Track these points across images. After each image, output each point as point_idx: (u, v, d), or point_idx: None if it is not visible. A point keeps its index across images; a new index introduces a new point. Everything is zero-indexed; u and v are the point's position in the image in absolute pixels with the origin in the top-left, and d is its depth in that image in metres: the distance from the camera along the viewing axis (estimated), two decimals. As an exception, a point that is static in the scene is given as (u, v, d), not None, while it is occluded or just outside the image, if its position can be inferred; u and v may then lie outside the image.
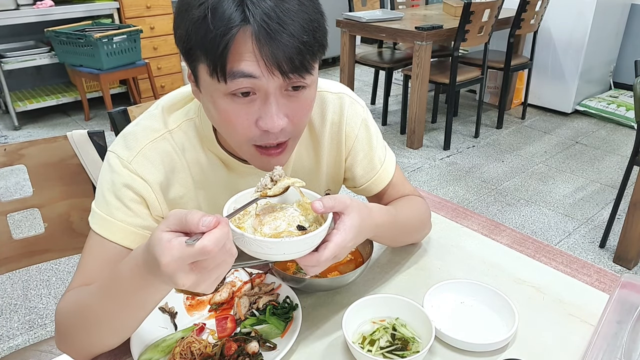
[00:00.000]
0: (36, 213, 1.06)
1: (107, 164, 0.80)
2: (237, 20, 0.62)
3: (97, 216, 0.78)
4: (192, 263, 0.55)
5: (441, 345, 0.77)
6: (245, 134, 0.71)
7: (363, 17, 3.43)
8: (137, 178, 0.78)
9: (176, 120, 0.82)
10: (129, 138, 0.80)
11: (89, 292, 0.71)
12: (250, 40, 0.63)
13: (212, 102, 0.70)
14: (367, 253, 0.92)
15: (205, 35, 0.64)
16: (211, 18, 0.63)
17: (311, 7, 0.67)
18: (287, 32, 0.63)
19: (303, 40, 0.64)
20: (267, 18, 0.62)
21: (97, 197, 0.80)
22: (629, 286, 0.81)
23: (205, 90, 0.70)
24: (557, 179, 3.12)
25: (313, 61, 0.68)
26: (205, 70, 0.67)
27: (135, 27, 3.67)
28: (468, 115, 4.14)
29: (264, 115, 0.68)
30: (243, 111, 0.68)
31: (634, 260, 2.24)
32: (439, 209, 1.14)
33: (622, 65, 4.30)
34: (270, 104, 0.68)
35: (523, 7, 3.39)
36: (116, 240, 0.77)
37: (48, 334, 1.88)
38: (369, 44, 5.77)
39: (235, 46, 0.63)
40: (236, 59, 0.64)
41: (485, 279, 0.89)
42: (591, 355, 0.70)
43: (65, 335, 0.74)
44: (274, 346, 0.75)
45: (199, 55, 0.66)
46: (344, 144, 0.93)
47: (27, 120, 3.96)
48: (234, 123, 0.70)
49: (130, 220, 0.77)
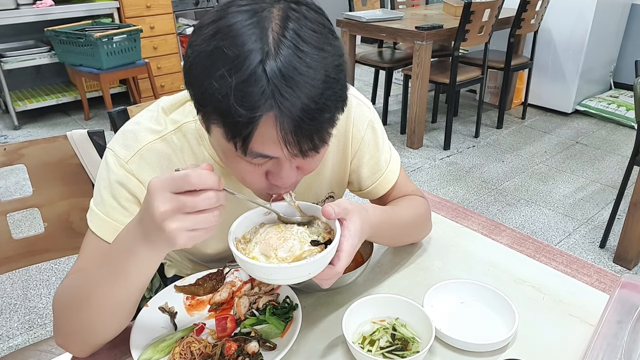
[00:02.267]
0: (36, 213, 1.06)
1: (104, 161, 0.80)
2: (263, 107, 0.57)
3: (94, 215, 0.78)
4: (175, 192, 0.56)
5: (441, 345, 0.77)
6: (254, 184, 0.70)
7: (363, 17, 3.43)
8: (132, 178, 0.78)
9: (176, 122, 0.81)
10: (129, 137, 0.80)
11: (84, 274, 0.73)
12: (274, 128, 0.59)
13: (223, 153, 0.69)
14: (367, 253, 0.92)
15: (226, 115, 0.59)
16: (234, 99, 0.57)
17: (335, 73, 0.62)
18: (310, 117, 0.59)
19: (324, 119, 0.62)
20: (290, 105, 0.58)
21: (95, 195, 0.80)
22: (629, 286, 0.81)
23: (218, 143, 0.68)
24: (557, 179, 3.12)
25: (332, 130, 0.65)
26: (222, 134, 0.62)
27: (135, 27, 3.67)
28: (468, 115, 4.14)
29: (276, 174, 0.67)
30: (255, 169, 0.67)
31: (634, 260, 2.24)
32: (439, 209, 1.14)
33: (622, 65, 4.30)
34: (283, 168, 0.66)
35: (523, 7, 3.39)
36: (106, 237, 0.77)
37: (48, 333, 1.88)
38: (369, 43, 5.77)
39: (259, 132, 0.59)
40: (260, 143, 0.61)
41: (485, 279, 0.89)
42: (591, 355, 0.70)
43: (62, 322, 0.74)
44: (273, 346, 0.75)
45: (216, 121, 0.62)
46: (350, 146, 0.92)
47: (27, 119, 3.96)
48: (244, 176, 0.69)
49: (125, 221, 0.76)
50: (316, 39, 0.60)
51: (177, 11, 4.29)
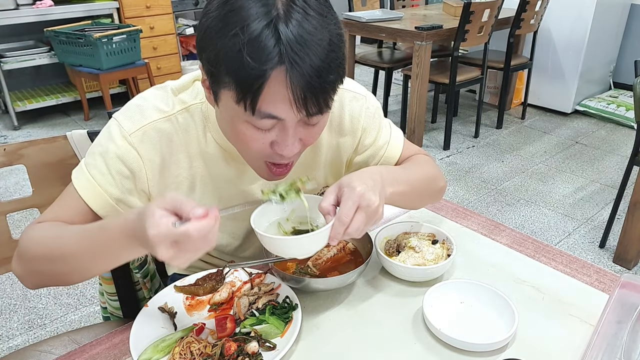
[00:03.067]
0: (36, 213, 1.06)
1: (107, 130, 0.81)
2: (273, 60, 0.62)
3: (81, 173, 0.80)
4: (173, 241, 0.60)
5: (441, 345, 0.77)
6: (258, 152, 0.74)
7: (363, 17, 3.43)
8: (132, 150, 0.79)
9: (184, 102, 0.83)
10: (136, 111, 0.81)
11: (68, 230, 0.76)
12: (284, 84, 0.63)
13: (230, 122, 0.72)
14: (367, 253, 0.92)
15: (238, 70, 0.63)
16: (247, 53, 0.62)
17: (337, 40, 0.67)
18: (318, 74, 0.64)
19: (330, 80, 0.66)
20: (300, 60, 0.62)
21: (87, 156, 0.82)
22: (629, 286, 0.81)
23: (225, 111, 0.71)
24: (557, 179, 3.12)
25: (334, 96, 0.69)
26: (231, 97, 0.67)
27: (134, 27, 3.67)
28: (468, 115, 4.14)
29: (281, 142, 0.71)
30: (260, 136, 0.71)
31: (633, 260, 2.24)
32: (438, 209, 1.14)
33: (621, 65, 4.30)
34: (288, 134, 0.70)
35: (523, 7, 3.39)
36: (86, 198, 0.79)
37: (48, 334, 1.89)
38: (369, 43, 5.77)
39: (268, 87, 0.63)
40: (268, 101, 0.65)
41: (485, 279, 0.89)
42: (591, 355, 0.70)
43: (26, 258, 0.78)
44: (273, 346, 0.75)
45: (227, 82, 0.66)
46: (350, 138, 0.93)
47: (26, 120, 3.96)
48: (249, 144, 0.72)
49: (107, 188, 0.79)
50: (319, 7, 0.66)
51: (177, 11, 4.29)
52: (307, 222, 0.81)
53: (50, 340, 1.08)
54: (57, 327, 1.92)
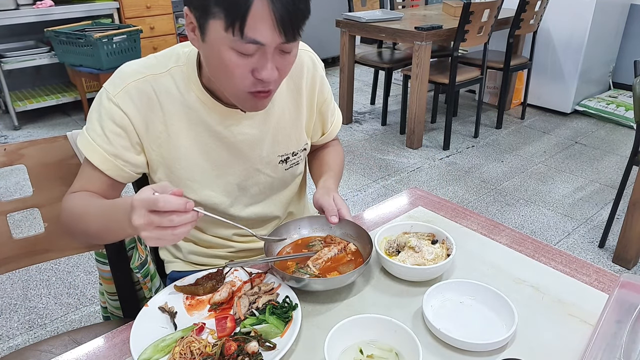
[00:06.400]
0: (36, 213, 1.06)
1: (98, 96, 0.92)
2: None
3: (84, 137, 0.92)
4: (149, 210, 0.69)
5: (441, 345, 0.77)
6: (241, 81, 0.82)
7: (363, 17, 3.43)
8: (118, 110, 0.90)
9: (166, 66, 0.93)
10: (117, 75, 0.92)
11: (93, 205, 0.89)
12: (267, 8, 0.73)
13: (217, 52, 0.80)
14: (367, 253, 0.93)
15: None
16: None
17: None
18: (293, 2, 0.74)
19: (302, 8, 0.76)
20: None
21: (87, 122, 0.93)
22: (628, 286, 0.81)
23: (212, 42, 0.79)
24: (557, 179, 3.12)
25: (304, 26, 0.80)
26: (220, 26, 0.76)
27: (135, 27, 3.67)
28: (467, 116, 4.14)
29: (261, 68, 0.80)
30: (243, 63, 0.80)
31: (633, 260, 2.24)
32: (438, 209, 1.14)
33: (621, 65, 4.30)
34: (268, 60, 0.80)
35: (522, 7, 3.39)
36: (94, 162, 0.91)
37: (48, 333, 1.89)
38: (369, 44, 5.77)
39: (253, 12, 0.73)
40: (253, 27, 0.74)
41: (484, 279, 0.90)
42: (590, 355, 0.70)
43: (69, 223, 0.92)
44: (273, 346, 0.76)
45: (216, 12, 0.75)
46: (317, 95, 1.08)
47: (27, 120, 3.96)
48: (233, 72, 0.81)
49: (106, 147, 0.90)
50: None
51: (177, 11, 4.29)
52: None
53: (50, 340, 1.08)
54: (57, 327, 1.92)
